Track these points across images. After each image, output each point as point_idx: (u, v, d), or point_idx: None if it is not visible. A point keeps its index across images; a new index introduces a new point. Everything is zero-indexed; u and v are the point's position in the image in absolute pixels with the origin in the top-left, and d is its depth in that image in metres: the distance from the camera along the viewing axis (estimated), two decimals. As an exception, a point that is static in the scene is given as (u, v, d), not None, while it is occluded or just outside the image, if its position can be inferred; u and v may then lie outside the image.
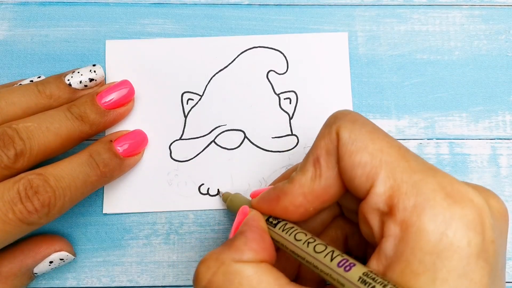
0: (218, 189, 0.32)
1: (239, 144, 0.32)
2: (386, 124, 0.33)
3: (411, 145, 0.33)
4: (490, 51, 0.34)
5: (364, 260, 0.21)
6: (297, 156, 0.32)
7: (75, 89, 0.30)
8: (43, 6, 0.34)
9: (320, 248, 0.22)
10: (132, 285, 0.31)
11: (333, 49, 0.33)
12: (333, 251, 0.21)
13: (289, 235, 0.23)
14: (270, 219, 0.24)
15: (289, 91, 0.33)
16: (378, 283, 0.19)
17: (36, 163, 0.27)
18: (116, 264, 0.31)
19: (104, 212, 0.31)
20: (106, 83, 0.32)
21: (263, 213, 0.25)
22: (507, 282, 0.31)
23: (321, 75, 0.33)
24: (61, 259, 0.29)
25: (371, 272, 0.20)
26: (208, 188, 0.32)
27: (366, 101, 0.33)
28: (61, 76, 0.30)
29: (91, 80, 0.30)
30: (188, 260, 0.31)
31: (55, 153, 0.28)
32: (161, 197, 0.32)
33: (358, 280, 0.19)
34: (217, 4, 0.34)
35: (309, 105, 0.33)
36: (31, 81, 0.30)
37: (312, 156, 0.23)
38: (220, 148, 0.32)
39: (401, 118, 0.33)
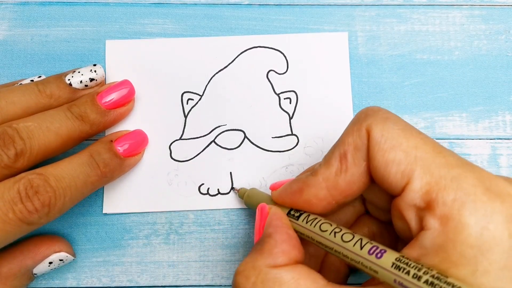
0: (232, 187, 0.31)
1: (239, 144, 0.32)
2: (386, 124, 0.33)
3: (411, 145, 0.33)
4: (490, 51, 0.34)
5: None
6: (297, 156, 0.32)
7: (76, 89, 0.30)
8: (43, 6, 0.34)
9: (347, 237, 0.22)
10: (132, 285, 0.31)
11: (333, 49, 0.34)
12: (361, 239, 0.22)
13: (314, 226, 0.23)
14: (292, 212, 0.24)
15: (289, 91, 0.33)
16: (412, 267, 0.19)
17: (36, 163, 0.27)
18: (116, 264, 0.31)
19: (104, 212, 0.31)
20: (106, 83, 0.32)
21: (284, 206, 0.25)
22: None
23: (321, 75, 0.33)
24: (60, 260, 0.29)
25: (403, 256, 0.20)
26: (208, 188, 0.32)
27: (366, 101, 0.33)
28: (61, 76, 0.30)
29: (91, 80, 0.30)
30: (188, 260, 0.31)
31: (55, 153, 0.28)
32: (161, 197, 0.32)
33: (392, 266, 0.20)
34: (217, 4, 0.34)
35: (309, 105, 0.33)
36: (32, 80, 0.30)
37: (338, 151, 0.23)
38: (220, 148, 0.32)
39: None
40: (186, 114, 0.33)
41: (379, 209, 0.26)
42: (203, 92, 0.33)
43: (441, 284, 0.18)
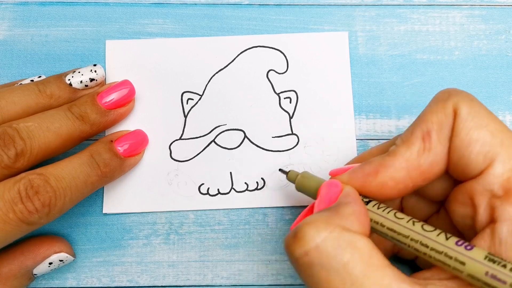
0: (280, 168, 0.29)
1: (239, 143, 0.32)
2: (386, 124, 0.33)
3: (411, 145, 0.33)
4: (490, 51, 0.34)
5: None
6: (298, 155, 0.32)
7: (76, 89, 0.30)
8: (43, 6, 0.34)
9: (429, 228, 0.21)
10: (132, 285, 0.31)
11: (333, 49, 0.34)
12: (444, 232, 0.21)
13: (387, 213, 0.22)
14: (361, 197, 0.23)
15: (289, 91, 0.33)
16: (508, 261, 0.19)
17: (37, 163, 0.27)
18: (116, 264, 0.31)
19: (104, 212, 0.31)
20: (107, 83, 0.32)
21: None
22: None
23: (321, 75, 0.33)
24: (60, 260, 0.29)
25: (493, 254, 0.19)
26: (208, 188, 0.32)
27: (366, 101, 0.33)
28: (61, 76, 0.30)
29: (91, 80, 0.30)
30: (188, 260, 0.31)
31: (56, 153, 0.28)
32: (161, 197, 0.32)
33: (485, 258, 0.19)
34: (217, 4, 0.34)
35: (310, 104, 0.33)
36: (32, 80, 0.30)
37: (420, 129, 0.22)
38: (220, 148, 0.32)
39: (401, 118, 0.33)
40: (186, 114, 0.33)
41: (424, 203, 0.25)
42: (203, 92, 0.33)
43: None
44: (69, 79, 0.30)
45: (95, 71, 0.31)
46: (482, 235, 0.20)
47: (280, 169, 0.29)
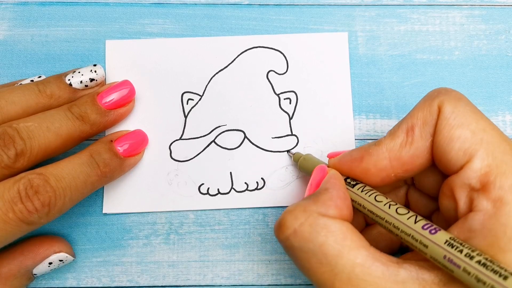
0: (287, 150, 0.32)
1: (239, 144, 0.32)
2: (386, 124, 0.33)
3: (411, 145, 0.33)
4: (490, 51, 0.34)
5: None
6: (297, 156, 0.32)
7: (76, 89, 0.30)
8: (43, 6, 0.34)
9: (402, 211, 0.23)
10: (132, 285, 0.31)
11: (333, 49, 0.34)
12: (416, 215, 0.22)
13: (369, 196, 0.24)
14: (348, 180, 0.25)
15: (289, 91, 0.33)
16: (466, 247, 0.20)
17: (36, 163, 0.27)
18: (116, 264, 0.31)
19: (104, 212, 0.31)
20: (107, 83, 0.32)
21: (341, 173, 0.26)
22: None
23: (321, 75, 0.33)
24: (60, 260, 0.29)
25: (457, 238, 0.20)
26: (208, 188, 0.32)
27: (366, 101, 0.33)
28: (61, 76, 0.30)
29: (91, 80, 0.30)
30: (188, 260, 0.31)
31: (56, 153, 0.28)
32: (161, 197, 0.32)
33: (445, 243, 0.20)
34: (217, 4, 0.34)
35: (309, 105, 0.33)
36: (32, 80, 0.30)
37: (406, 124, 0.24)
38: (220, 148, 0.32)
39: (401, 118, 0.33)
40: (186, 114, 0.33)
41: (427, 200, 0.26)
42: (203, 92, 0.33)
43: (494, 266, 0.18)
44: (69, 79, 0.30)
45: (95, 71, 0.31)
46: (457, 223, 0.21)
47: (287, 151, 0.32)
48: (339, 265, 0.21)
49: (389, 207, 0.23)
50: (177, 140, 0.32)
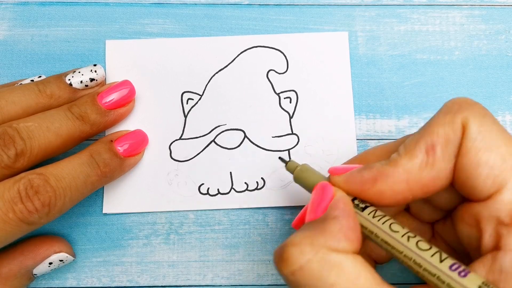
0: (279, 156, 0.29)
1: (239, 143, 0.32)
2: (386, 124, 0.33)
3: (411, 145, 0.33)
4: (490, 51, 0.34)
5: None
6: (298, 155, 0.32)
7: (76, 89, 0.30)
8: (43, 6, 0.34)
9: (424, 245, 0.20)
10: (132, 285, 0.31)
11: (333, 49, 0.34)
12: (440, 252, 0.20)
13: (383, 223, 0.21)
14: (356, 202, 0.22)
15: (289, 91, 0.33)
16: None
17: (37, 163, 0.27)
18: (116, 264, 0.31)
19: (104, 212, 0.31)
20: (107, 83, 0.32)
21: (349, 194, 0.23)
22: None
23: (322, 75, 0.33)
24: (60, 260, 0.29)
25: (489, 282, 0.18)
26: (208, 188, 0.32)
27: (366, 101, 0.33)
28: (61, 76, 0.30)
29: (91, 80, 0.30)
30: (188, 260, 0.31)
31: (56, 153, 0.28)
32: (161, 197, 0.32)
33: None
34: (217, 4, 0.34)
35: (310, 104, 0.33)
36: (32, 80, 0.30)
37: (424, 142, 0.21)
38: (220, 148, 0.32)
39: (401, 118, 0.33)
40: (186, 114, 0.33)
41: (431, 208, 0.24)
42: (203, 92, 0.33)
43: None
44: (69, 79, 0.30)
45: (95, 71, 0.31)
46: (483, 260, 0.19)
47: (280, 157, 0.29)
48: None
49: (408, 240, 0.20)
50: (177, 140, 0.32)
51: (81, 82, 0.30)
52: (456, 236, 0.23)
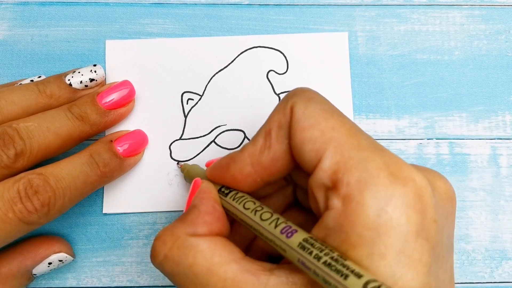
0: (177, 161, 0.32)
1: (239, 144, 0.32)
2: (386, 124, 0.33)
3: (411, 145, 0.33)
4: (490, 51, 0.34)
5: None
6: (297, 156, 0.32)
7: (76, 89, 0.30)
8: (43, 6, 0.34)
9: (266, 216, 0.22)
10: (132, 285, 0.31)
11: (333, 49, 0.34)
12: (278, 219, 0.22)
13: (239, 203, 0.23)
14: (223, 189, 0.25)
15: (289, 91, 0.33)
16: (316, 248, 0.19)
17: (36, 163, 0.27)
18: (116, 264, 0.31)
19: (104, 212, 0.31)
20: (107, 83, 0.32)
21: (216, 182, 0.25)
22: (507, 282, 0.31)
23: (321, 75, 0.33)
24: (60, 261, 0.29)
25: (311, 238, 0.20)
26: (208, 188, 0.32)
27: (366, 101, 0.33)
28: (61, 76, 0.30)
29: (91, 80, 0.30)
30: (188, 260, 0.31)
31: (55, 153, 0.28)
32: (161, 197, 0.32)
33: (298, 245, 0.20)
34: (217, 4, 0.34)
35: (309, 105, 0.33)
36: (32, 80, 0.30)
37: (264, 128, 0.23)
38: (220, 148, 0.32)
39: (401, 118, 0.33)
40: (186, 114, 0.33)
41: (307, 196, 0.26)
42: (203, 92, 0.33)
43: (338, 266, 0.18)
44: (69, 79, 0.30)
45: (95, 71, 0.31)
46: (318, 224, 0.21)
47: (177, 162, 0.32)
48: (211, 284, 0.20)
49: (255, 213, 0.22)
50: (177, 140, 0.32)
51: (81, 82, 0.30)
52: None
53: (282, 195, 0.27)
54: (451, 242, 0.22)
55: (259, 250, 0.27)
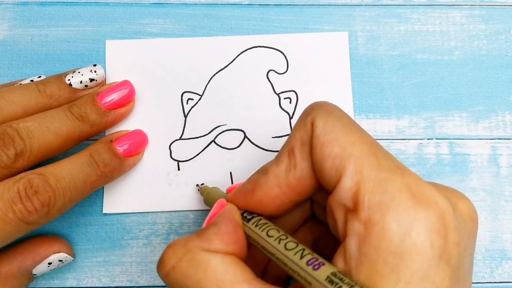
0: (197, 184, 0.31)
1: (239, 144, 0.32)
2: (386, 124, 0.33)
3: (411, 145, 0.33)
4: (490, 51, 0.34)
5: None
6: (297, 156, 0.32)
7: (76, 89, 0.30)
8: (43, 6, 0.34)
9: (291, 245, 0.21)
10: (132, 285, 0.31)
11: (333, 49, 0.34)
12: (303, 249, 0.21)
13: (262, 230, 0.23)
14: (245, 214, 0.24)
15: (289, 91, 0.33)
16: (345, 283, 0.19)
17: (36, 163, 0.27)
18: (116, 264, 0.31)
19: (104, 212, 0.31)
20: (107, 83, 0.32)
21: (239, 208, 0.24)
22: (506, 282, 0.31)
23: (321, 75, 0.33)
24: (60, 261, 0.29)
25: (339, 272, 0.19)
26: (208, 188, 0.32)
27: (366, 101, 0.33)
28: (61, 76, 0.30)
29: (91, 80, 0.30)
30: (188, 260, 0.31)
31: (55, 153, 0.28)
32: (161, 197, 0.32)
33: (326, 279, 0.19)
34: (217, 4, 0.34)
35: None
36: (32, 80, 0.30)
37: (287, 147, 0.23)
38: (220, 148, 0.32)
39: (401, 118, 0.33)
40: (186, 114, 0.33)
41: (324, 211, 0.25)
42: (203, 92, 0.33)
43: None
44: (69, 79, 0.30)
45: (95, 71, 0.31)
46: (339, 249, 0.20)
47: (197, 185, 0.31)
48: None
49: (279, 242, 0.22)
50: (177, 140, 0.32)
51: (81, 82, 0.30)
52: None
53: (299, 211, 0.27)
54: (471, 261, 0.21)
55: (271, 277, 0.26)
